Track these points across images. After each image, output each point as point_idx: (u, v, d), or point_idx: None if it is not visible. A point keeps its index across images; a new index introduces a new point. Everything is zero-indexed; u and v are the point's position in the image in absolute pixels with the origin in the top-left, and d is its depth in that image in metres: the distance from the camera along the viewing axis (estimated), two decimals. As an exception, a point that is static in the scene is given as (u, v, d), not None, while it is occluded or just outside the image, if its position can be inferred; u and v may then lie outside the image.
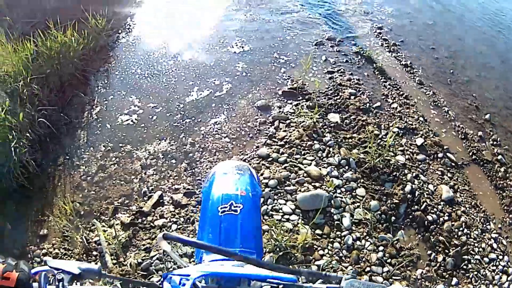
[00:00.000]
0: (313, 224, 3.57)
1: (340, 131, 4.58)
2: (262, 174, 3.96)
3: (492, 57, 7.10)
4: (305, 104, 4.89)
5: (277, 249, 3.32)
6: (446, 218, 3.98)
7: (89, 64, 5.15)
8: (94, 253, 3.32)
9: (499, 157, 4.94)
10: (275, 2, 7.31)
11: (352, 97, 5.08)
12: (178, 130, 4.50)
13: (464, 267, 3.71)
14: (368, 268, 3.43)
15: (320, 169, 4.07)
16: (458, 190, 4.36)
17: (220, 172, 2.00)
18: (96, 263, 3.18)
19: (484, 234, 4.04)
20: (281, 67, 5.61)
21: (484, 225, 4.12)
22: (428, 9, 8.34)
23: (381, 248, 3.58)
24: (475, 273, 3.69)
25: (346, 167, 4.17)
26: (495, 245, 3.98)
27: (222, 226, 1.68)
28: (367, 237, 3.63)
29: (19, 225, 3.56)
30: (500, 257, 3.91)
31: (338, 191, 3.92)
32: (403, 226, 3.81)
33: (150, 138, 4.37)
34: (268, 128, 4.57)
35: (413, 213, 3.89)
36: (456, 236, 3.89)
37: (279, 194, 3.82)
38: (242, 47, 5.97)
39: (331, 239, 3.56)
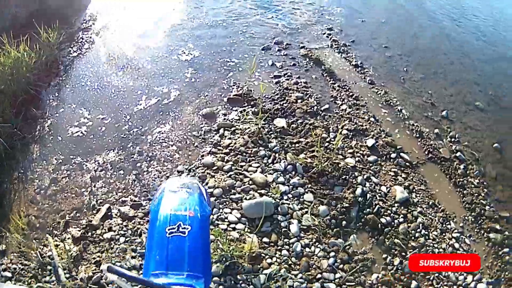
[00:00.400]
0: (260, 232, 3.69)
1: (286, 136, 4.75)
2: (207, 184, 4.07)
3: (449, 53, 7.38)
4: (251, 110, 5.07)
5: (224, 259, 3.40)
6: (401, 220, 4.11)
7: (42, 78, 5.30)
8: (49, 267, 3.39)
9: (458, 154, 5.11)
10: (223, 8, 7.60)
11: (299, 101, 5.27)
12: (126, 140, 4.66)
13: (424, 269, 3.80)
14: (319, 275, 3.52)
15: (265, 175, 4.20)
16: (414, 190, 4.51)
17: (169, 190, 2.05)
18: (50, 277, 3.33)
19: (444, 234, 4.16)
20: (228, 73, 5.83)
21: (444, 225, 4.25)
22: (381, 7, 8.69)
23: (332, 254, 3.68)
24: (436, 274, 3.79)
25: (293, 173, 4.31)
26: (457, 245, 4.09)
27: (170, 247, 1.72)
28: (317, 244, 3.73)
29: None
30: (464, 257, 4.01)
31: (285, 197, 4.05)
32: (355, 230, 3.92)
33: (99, 149, 4.54)
34: (213, 136, 4.74)
35: (365, 216, 4.01)
36: (413, 237, 4.01)
37: (224, 203, 3.93)
38: (191, 53, 6.18)
39: (279, 247, 3.66)
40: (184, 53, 6.19)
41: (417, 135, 5.26)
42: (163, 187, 2.11)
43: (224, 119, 4.97)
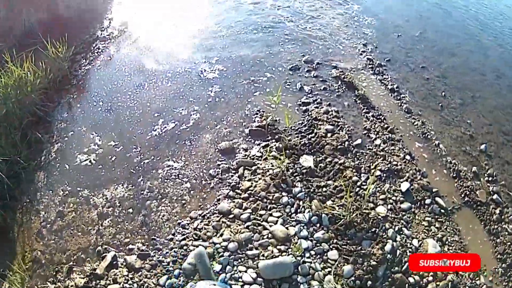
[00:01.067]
0: (276, 295, 3.20)
1: (313, 178, 4.15)
2: (221, 235, 3.57)
3: (487, 73, 6.70)
4: (275, 145, 4.45)
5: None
6: (430, 278, 3.60)
7: (50, 97, 4.95)
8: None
9: (495, 196, 4.52)
10: (250, 19, 6.99)
11: (329, 135, 4.64)
12: (137, 174, 4.21)
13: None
14: None
15: (287, 228, 3.64)
16: (447, 242, 3.95)
17: None
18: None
19: (473, 291, 3.65)
20: (251, 95, 5.25)
21: (474, 281, 3.73)
22: (416, 19, 7.98)
23: (354, 321, 3.20)
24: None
25: (318, 225, 3.74)
26: (483, 303, 3.60)
27: None
28: (338, 310, 3.24)
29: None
30: (492, 315, 3.53)
31: (307, 254, 3.50)
32: (380, 291, 3.41)
33: (108, 181, 4.14)
34: (232, 176, 4.18)
35: (393, 275, 3.50)
36: (441, 297, 3.51)
37: (239, 260, 3.42)
38: (214, 70, 5.62)
39: (295, 314, 3.19)
40: (207, 70, 5.63)
41: (454, 175, 4.64)
42: None
43: (245, 155, 4.39)
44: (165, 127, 4.69)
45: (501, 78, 6.63)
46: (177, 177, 4.17)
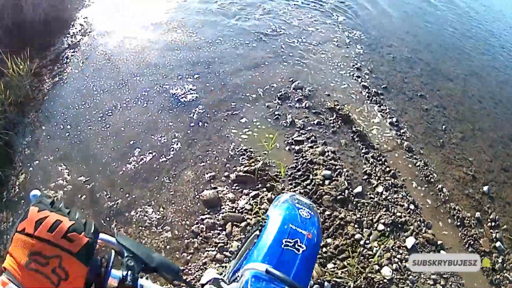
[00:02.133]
0: None
1: (311, 236, 3.87)
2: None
3: (484, 99, 6.74)
4: (266, 196, 4.10)
5: None
6: None
7: (11, 122, 4.56)
8: None
9: (497, 244, 4.48)
10: (232, 37, 6.66)
11: (327, 182, 4.33)
12: (109, 222, 3.76)
13: None
14: None
15: (284, 301, 3.35)
16: (451, 300, 3.81)
17: (294, 203, 2.07)
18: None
19: None
20: (236, 129, 4.84)
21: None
22: (409, 36, 7.97)
23: None
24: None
25: (320, 295, 3.46)
26: None
27: (281, 258, 1.73)
28: None
29: None
30: None
31: (308, 333, 3.23)
32: None
33: None
34: (218, 234, 3.76)
35: None
36: None
37: None
38: (192, 91, 5.24)
39: None
40: (186, 89, 5.25)
41: (458, 223, 4.54)
42: (287, 196, 2.16)
43: (232, 208, 3.97)
44: (142, 158, 4.27)
45: (498, 105, 6.70)
46: (156, 231, 3.77)
